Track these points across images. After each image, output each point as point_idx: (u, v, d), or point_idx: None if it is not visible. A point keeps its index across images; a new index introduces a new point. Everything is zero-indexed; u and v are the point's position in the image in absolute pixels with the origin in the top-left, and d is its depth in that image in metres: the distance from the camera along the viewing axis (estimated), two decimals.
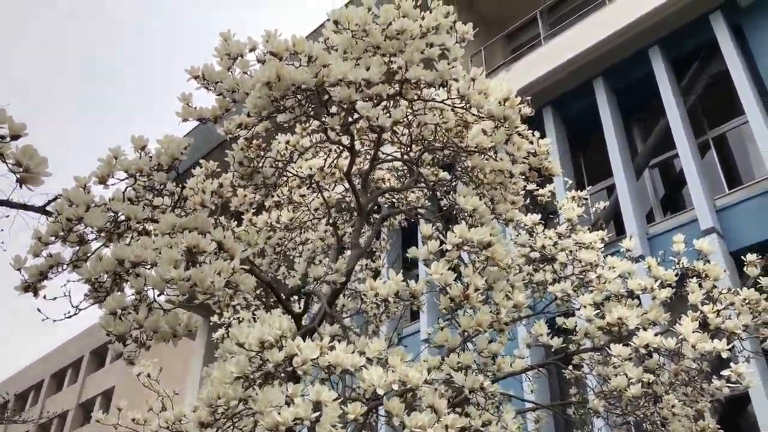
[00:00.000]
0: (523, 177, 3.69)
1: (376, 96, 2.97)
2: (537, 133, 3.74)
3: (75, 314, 2.86)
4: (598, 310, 3.94)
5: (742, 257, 4.47)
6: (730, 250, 8.80)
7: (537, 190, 5.19)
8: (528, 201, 4.43)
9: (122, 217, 2.89)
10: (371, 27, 2.98)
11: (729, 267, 8.25)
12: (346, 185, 4.37)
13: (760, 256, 4.41)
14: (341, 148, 3.97)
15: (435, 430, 2.32)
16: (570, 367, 4.65)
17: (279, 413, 2.12)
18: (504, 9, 14.54)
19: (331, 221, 4.52)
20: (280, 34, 3.01)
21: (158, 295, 2.48)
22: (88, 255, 2.86)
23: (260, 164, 3.64)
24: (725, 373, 3.69)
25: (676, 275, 4.14)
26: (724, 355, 3.47)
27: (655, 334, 3.58)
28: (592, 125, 11.24)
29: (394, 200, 5.71)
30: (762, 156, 9.00)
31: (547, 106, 11.65)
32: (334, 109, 3.22)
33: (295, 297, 6.49)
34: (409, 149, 4.00)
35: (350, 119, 3.33)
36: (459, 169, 3.96)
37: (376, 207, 5.31)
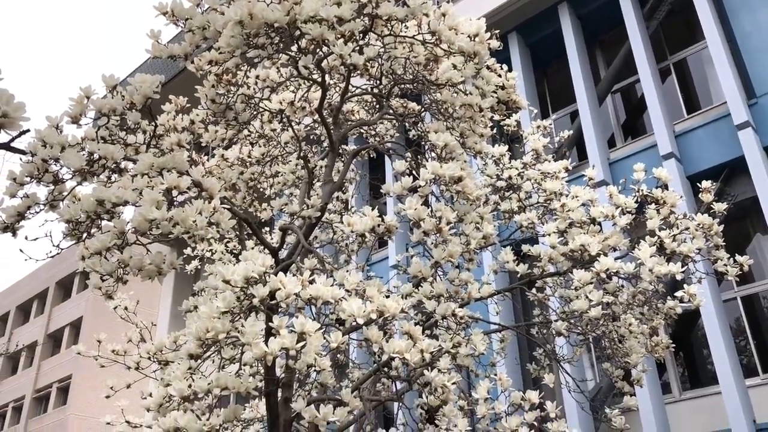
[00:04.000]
0: (491, 110, 3.77)
1: (348, 32, 2.99)
2: (505, 67, 3.81)
3: (57, 254, 2.92)
4: (562, 237, 4.12)
5: (698, 184, 4.68)
6: (687, 174, 9.10)
7: (503, 119, 5.28)
8: (494, 131, 4.52)
9: (97, 156, 2.91)
10: None
11: (685, 191, 8.56)
12: (316, 117, 4.40)
13: (713, 183, 4.62)
14: (311, 82, 3.98)
15: (411, 355, 2.49)
16: (534, 290, 4.88)
17: (267, 344, 2.25)
18: None
19: (301, 155, 4.56)
20: None
21: (141, 235, 2.54)
22: (64, 194, 2.89)
23: (231, 100, 3.65)
24: (679, 294, 3.93)
25: (636, 202, 4.33)
26: (679, 277, 3.71)
27: (615, 259, 3.78)
28: (556, 51, 11.27)
29: (363, 131, 5.74)
30: (719, 81, 9.18)
31: (512, 32, 11.59)
32: (305, 45, 3.22)
33: (267, 229, 6.58)
34: (378, 82, 4.03)
35: (322, 54, 3.34)
36: (427, 100, 4.01)
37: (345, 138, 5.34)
